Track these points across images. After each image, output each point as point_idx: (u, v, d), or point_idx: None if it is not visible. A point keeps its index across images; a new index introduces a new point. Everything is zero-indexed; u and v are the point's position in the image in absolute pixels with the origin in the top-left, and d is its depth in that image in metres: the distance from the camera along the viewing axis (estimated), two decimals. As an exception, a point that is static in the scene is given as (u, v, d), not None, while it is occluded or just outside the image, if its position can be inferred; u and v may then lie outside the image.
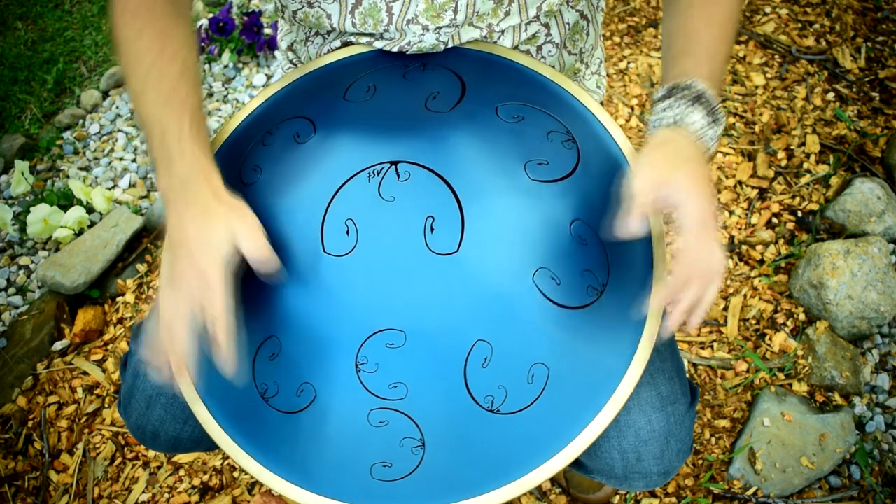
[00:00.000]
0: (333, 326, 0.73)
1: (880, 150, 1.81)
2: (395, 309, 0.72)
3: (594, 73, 1.05)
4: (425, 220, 0.73)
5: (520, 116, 0.80)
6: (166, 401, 0.88)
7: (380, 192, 0.75)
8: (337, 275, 0.74)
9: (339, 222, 0.75)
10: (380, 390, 0.71)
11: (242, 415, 0.75)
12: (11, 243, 1.80)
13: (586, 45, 0.97)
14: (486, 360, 0.70)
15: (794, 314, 1.58)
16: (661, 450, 0.82)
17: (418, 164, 0.76)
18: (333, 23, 0.85)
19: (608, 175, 0.78)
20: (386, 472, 0.70)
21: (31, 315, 1.64)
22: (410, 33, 0.84)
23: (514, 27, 0.86)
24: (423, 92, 0.82)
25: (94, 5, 2.38)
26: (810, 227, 1.69)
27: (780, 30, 2.11)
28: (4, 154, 1.97)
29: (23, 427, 1.52)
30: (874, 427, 1.44)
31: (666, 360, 0.85)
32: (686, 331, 0.73)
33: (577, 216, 0.75)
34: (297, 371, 0.73)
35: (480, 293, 0.72)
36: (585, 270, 0.73)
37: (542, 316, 0.71)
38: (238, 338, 0.69)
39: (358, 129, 0.80)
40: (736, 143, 1.87)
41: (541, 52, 0.91)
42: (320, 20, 0.85)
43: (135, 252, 1.76)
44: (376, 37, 0.86)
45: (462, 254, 0.72)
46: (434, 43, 0.84)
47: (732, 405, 1.48)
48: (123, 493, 1.44)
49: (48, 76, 2.17)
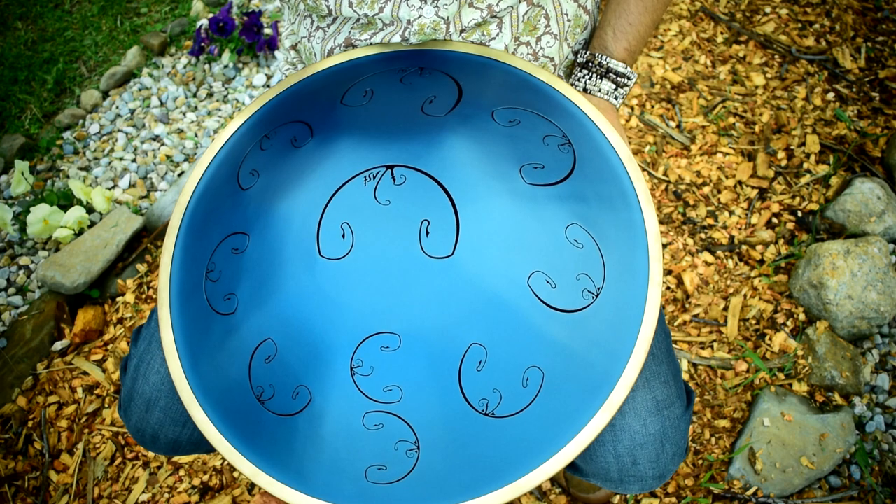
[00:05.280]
0: (329, 330, 0.73)
1: (880, 150, 1.81)
2: (390, 312, 0.72)
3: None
4: (420, 224, 0.74)
5: (516, 120, 0.80)
6: (165, 404, 0.88)
7: (375, 195, 0.75)
8: (332, 278, 0.74)
9: (335, 226, 0.75)
10: (374, 393, 0.71)
11: (238, 417, 0.75)
12: (11, 243, 1.80)
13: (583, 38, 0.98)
14: (480, 363, 0.70)
15: (794, 314, 1.58)
16: (656, 453, 0.82)
17: (414, 168, 0.76)
18: (331, 4, 0.85)
19: (604, 179, 0.78)
20: (381, 475, 0.70)
21: (31, 315, 1.64)
22: (408, 8, 0.84)
23: (512, 7, 0.87)
24: (419, 96, 0.82)
25: (94, 5, 2.38)
26: (810, 227, 1.69)
27: (780, 30, 2.10)
28: (4, 154, 1.97)
29: (23, 427, 1.52)
30: (874, 427, 1.44)
31: (662, 364, 0.85)
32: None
33: (573, 220, 0.75)
34: (292, 374, 0.73)
35: (475, 297, 0.72)
36: (581, 274, 0.73)
37: (536, 319, 0.71)
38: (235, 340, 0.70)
39: (355, 134, 0.80)
40: (736, 143, 1.87)
41: (540, 44, 0.91)
42: (318, 3, 0.86)
43: (135, 252, 1.76)
44: (377, 27, 0.86)
45: (457, 257, 0.72)
46: (434, 20, 0.84)
47: (732, 405, 1.48)
48: (123, 493, 1.44)
49: (48, 76, 2.17)
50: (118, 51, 2.25)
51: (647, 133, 1.91)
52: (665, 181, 1.81)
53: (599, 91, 0.94)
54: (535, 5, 0.89)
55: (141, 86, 2.14)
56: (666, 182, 1.81)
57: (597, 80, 0.94)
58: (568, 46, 0.95)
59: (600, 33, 0.96)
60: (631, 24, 0.94)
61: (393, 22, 0.86)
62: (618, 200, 0.77)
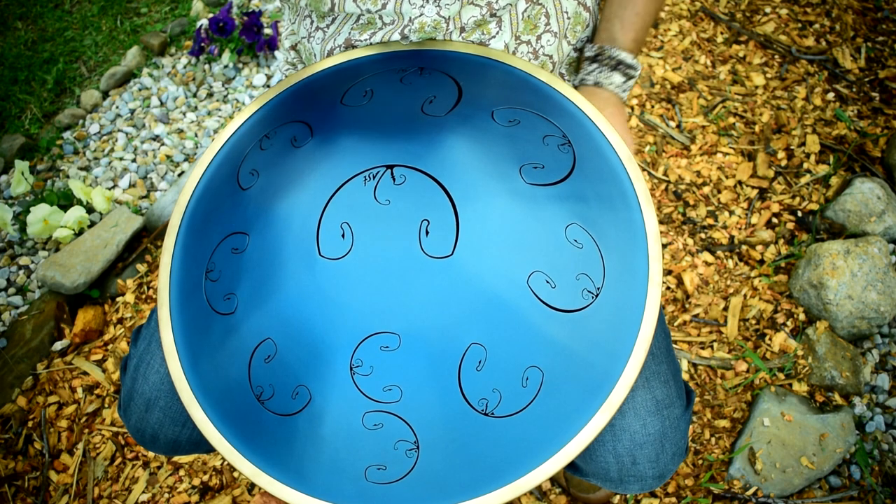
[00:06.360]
0: (328, 329, 0.73)
1: (880, 150, 1.81)
2: (390, 312, 0.72)
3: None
4: (420, 224, 0.74)
5: (516, 120, 0.80)
6: (165, 404, 0.88)
7: (375, 195, 0.75)
8: (332, 278, 0.74)
9: (335, 226, 0.75)
10: (374, 393, 0.71)
11: (238, 417, 0.75)
12: (11, 243, 1.80)
13: (584, 36, 0.98)
14: (480, 363, 0.70)
15: (794, 314, 1.58)
16: (656, 453, 0.82)
17: (414, 168, 0.76)
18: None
19: (604, 179, 0.78)
20: (380, 474, 0.70)
21: (31, 315, 1.64)
22: (410, 6, 0.84)
23: (511, 5, 0.87)
24: (419, 96, 0.82)
25: (94, 5, 2.38)
26: (810, 227, 1.69)
27: (780, 30, 2.10)
28: (4, 154, 1.97)
29: (23, 427, 1.52)
30: (874, 427, 1.44)
31: (661, 364, 0.85)
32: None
33: (573, 220, 0.75)
34: (292, 374, 0.73)
35: (475, 297, 0.72)
36: (581, 274, 0.73)
37: (536, 319, 0.71)
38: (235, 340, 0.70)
39: (354, 133, 0.80)
40: (736, 143, 1.87)
41: (540, 42, 0.91)
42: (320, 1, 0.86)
43: (135, 252, 1.76)
44: (377, 27, 0.86)
45: (457, 257, 0.72)
46: (436, 19, 0.85)
47: (732, 405, 1.48)
48: (123, 493, 1.44)
49: (48, 76, 2.17)
50: (118, 51, 2.25)
51: (647, 133, 1.91)
52: (665, 181, 1.81)
53: (611, 84, 0.94)
54: (534, 3, 0.89)
55: (141, 86, 2.14)
56: (666, 182, 1.81)
57: (608, 73, 0.93)
58: (568, 44, 0.95)
59: (607, 25, 0.96)
60: (637, 13, 0.95)
61: (394, 20, 0.86)
62: (618, 200, 0.77)
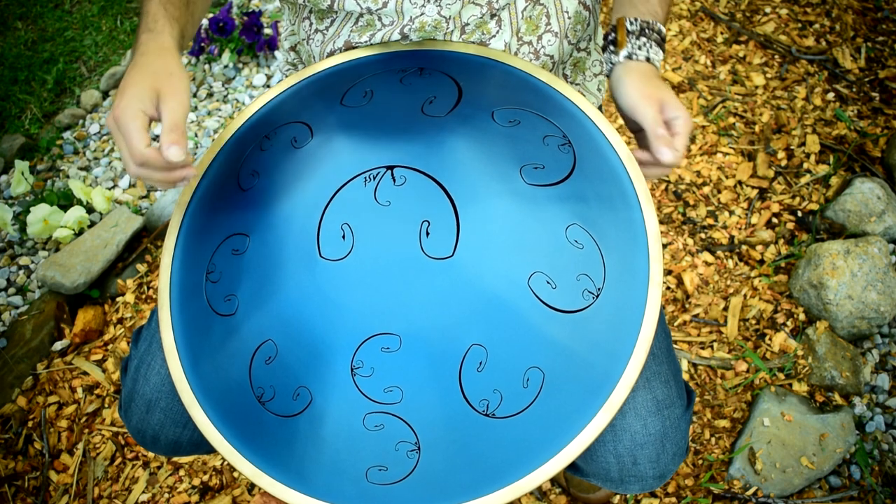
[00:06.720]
0: (329, 330, 0.73)
1: (880, 150, 1.81)
2: (391, 313, 0.72)
3: (595, 76, 1.05)
4: (421, 225, 0.74)
5: (516, 121, 0.80)
6: (166, 405, 0.88)
7: (375, 196, 0.75)
8: (333, 279, 0.74)
9: (335, 227, 0.75)
10: (375, 394, 0.71)
11: (239, 418, 0.75)
12: (11, 243, 1.80)
13: (585, 35, 0.98)
14: (481, 364, 0.70)
15: (794, 314, 1.58)
16: (656, 453, 0.82)
17: (414, 169, 0.76)
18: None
19: (604, 179, 0.78)
20: (381, 475, 0.70)
21: (31, 315, 1.64)
22: (411, 5, 0.84)
23: (510, 3, 0.87)
24: (419, 96, 0.82)
25: (94, 5, 2.38)
26: (810, 227, 1.69)
27: (780, 30, 2.10)
28: (4, 154, 1.97)
29: (23, 427, 1.52)
30: (874, 427, 1.44)
31: (662, 364, 0.85)
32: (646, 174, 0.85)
33: (573, 220, 0.75)
34: (293, 375, 0.73)
35: (476, 297, 0.72)
36: (581, 274, 0.73)
37: (537, 320, 0.71)
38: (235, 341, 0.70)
39: (354, 134, 0.80)
40: (736, 143, 1.87)
41: (541, 42, 0.91)
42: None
43: (135, 252, 1.76)
44: (377, 28, 0.86)
45: (457, 258, 0.72)
46: (436, 18, 0.84)
47: (732, 405, 1.48)
48: (123, 493, 1.44)
49: (48, 76, 2.17)
50: (118, 51, 2.25)
51: (647, 133, 1.91)
52: (665, 181, 1.81)
53: (658, 59, 0.92)
54: (535, 3, 0.89)
55: (141, 86, 2.14)
56: (666, 182, 1.81)
57: (656, 48, 0.91)
58: (569, 44, 0.95)
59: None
60: None
61: (394, 19, 0.86)
62: (618, 200, 0.77)
